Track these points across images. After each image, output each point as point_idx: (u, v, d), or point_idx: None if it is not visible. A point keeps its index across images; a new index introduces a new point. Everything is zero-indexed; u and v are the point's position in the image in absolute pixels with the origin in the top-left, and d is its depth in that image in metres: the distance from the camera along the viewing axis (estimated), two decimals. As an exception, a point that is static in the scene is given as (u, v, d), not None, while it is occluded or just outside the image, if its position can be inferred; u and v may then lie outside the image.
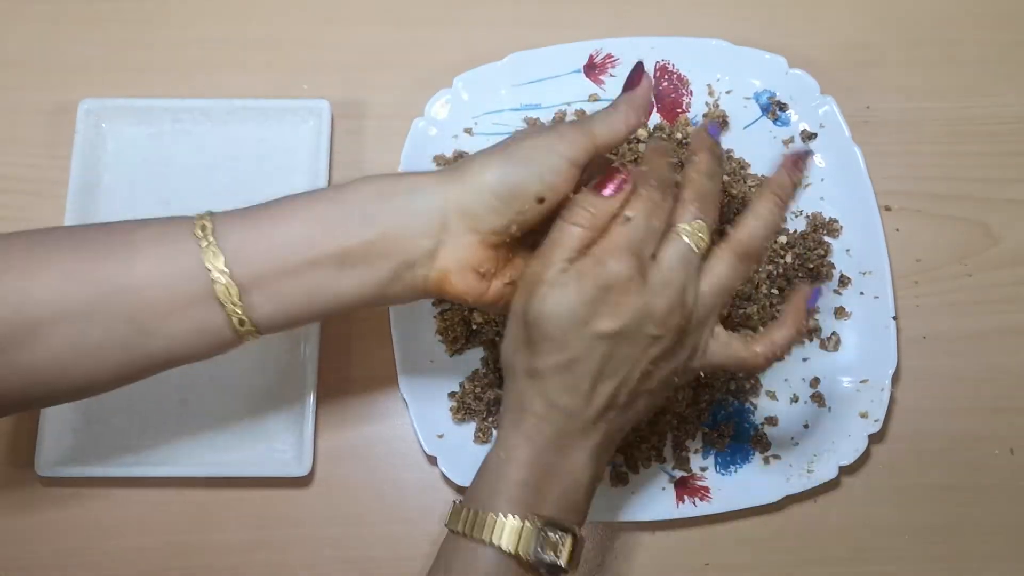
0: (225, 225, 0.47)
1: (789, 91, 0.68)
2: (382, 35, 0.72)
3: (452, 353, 0.63)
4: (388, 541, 0.61)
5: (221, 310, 0.46)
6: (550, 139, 0.48)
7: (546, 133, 0.48)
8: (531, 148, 0.48)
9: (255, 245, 0.46)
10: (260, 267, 0.46)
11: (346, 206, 0.47)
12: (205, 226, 0.46)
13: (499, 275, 0.49)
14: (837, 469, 0.60)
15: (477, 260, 0.48)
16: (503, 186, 0.47)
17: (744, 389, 0.63)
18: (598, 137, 0.48)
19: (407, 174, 0.49)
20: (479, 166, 0.48)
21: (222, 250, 0.46)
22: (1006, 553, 0.62)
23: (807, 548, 0.61)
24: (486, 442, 0.62)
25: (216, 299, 0.46)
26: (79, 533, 0.61)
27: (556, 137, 0.48)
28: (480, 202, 0.47)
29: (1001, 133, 0.70)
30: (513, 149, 0.48)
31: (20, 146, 0.68)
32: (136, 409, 0.62)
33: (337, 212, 0.47)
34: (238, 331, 0.47)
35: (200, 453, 0.62)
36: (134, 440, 0.62)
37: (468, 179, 0.47)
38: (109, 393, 0.62)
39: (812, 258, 0.65)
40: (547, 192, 0.47)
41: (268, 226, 0.47)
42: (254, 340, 0.48)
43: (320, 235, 0.47)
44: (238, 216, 0.48)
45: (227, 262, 0.46)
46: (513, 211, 0.47)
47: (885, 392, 0.61)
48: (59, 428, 0.61)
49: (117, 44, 0.71)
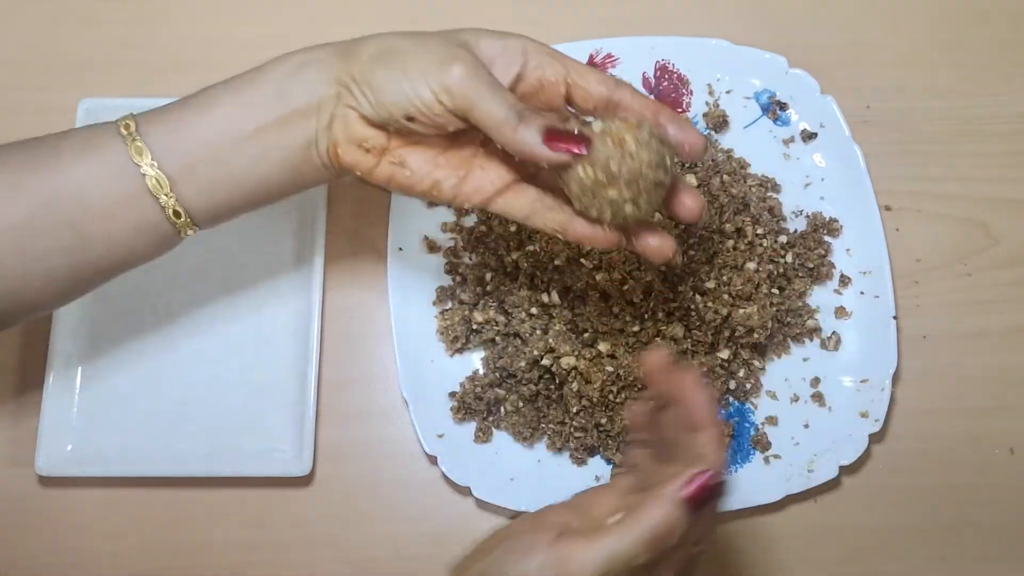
0: (149, 123, 0.48)
1: (789, 91, 0.68)
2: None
3: (452, 353, 0.63)
4: (388, 541, 0.61)
5: (155, 204, 0.47)
6: (437, 63, 0.46)
7: (439, 51, 0.46)
8: (416, 61, 0.46)
9: (179, 136, 0.48)
10: (186, 157, 0.47)
11: (263, 86, 0.48)
12: (128, 125, 0.48)
13: (389, 154, 0.49)
14: (837, 469, 0.60)
15: (360, 136, 0.49)
16: (375, 90, 0.47)
17: (744, 389, 0.63)
18: (477, 109, 0.45)
19: (312, 47, 0.49)
20: (368, 55, 0.47)
21: (147, 146, 0.47)
22: (1006, 553, 0.62)
23: (807, 548, 0.61)
24: (486, 442, 0.62)
25: (149, 194, 0.47)
26: (79, 533, 0.61)
27: (442, 66, 0.46)
28: (358, 90, 0.47)
29: (1001, 133, 0.70)
30: (405, 51, 0.47)
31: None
32: (136, 409, 0.62)
33: (255, 93, 0.48)
34: (176, 224, 0.48)
35: (200, 453, 0.61)
36: (134, 440, 0.62)
37: (354, 62, 0.48)
38: (109, 393, 0.62)
39: (812, 258, 0.65)
40: (415, 115, 0.47)
41: (191, 116, 0.48)
42: (192, 234, 0.50)
43: (239, 117, 0.48)
44: (160, 112, 0.49)
45: (154, 156, 0.47)
46: (383, 115, 0.47)
47: (885, 392, 0.61)
48: (59, 428, 0.61)
49: (117, 44, 0.71)
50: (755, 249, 0.63)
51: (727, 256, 0.62)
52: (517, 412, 0.61)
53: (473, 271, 0.64)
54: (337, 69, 0.48)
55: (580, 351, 0.59)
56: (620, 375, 0.59)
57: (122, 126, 0.48)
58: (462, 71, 0.45)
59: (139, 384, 0.63)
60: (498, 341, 0.62)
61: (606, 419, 0.60)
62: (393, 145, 0.49)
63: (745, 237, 0.63)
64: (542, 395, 0.61)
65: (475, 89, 0.45)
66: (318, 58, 0.48)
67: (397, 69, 0.46)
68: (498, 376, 0.62)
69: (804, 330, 0.64)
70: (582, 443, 0.60)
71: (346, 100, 0.48)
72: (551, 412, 0.61)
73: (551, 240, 0.60)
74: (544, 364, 0.59)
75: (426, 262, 0.65)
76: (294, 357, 0.63)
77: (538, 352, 0.59)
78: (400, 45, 0.47)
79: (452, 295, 0.64)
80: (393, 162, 0.49)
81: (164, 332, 0.64)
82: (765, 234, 0.64)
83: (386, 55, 0.47)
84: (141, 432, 0.62)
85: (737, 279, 0.61)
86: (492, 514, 0.61)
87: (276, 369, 0.63)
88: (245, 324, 0.64)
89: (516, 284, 0.62)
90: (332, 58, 0.48)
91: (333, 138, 0.49)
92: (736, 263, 0.62)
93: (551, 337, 0.59)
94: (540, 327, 0.60)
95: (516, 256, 0.62)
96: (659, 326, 0.59)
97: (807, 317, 0.64)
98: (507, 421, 0.62)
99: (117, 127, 0.48)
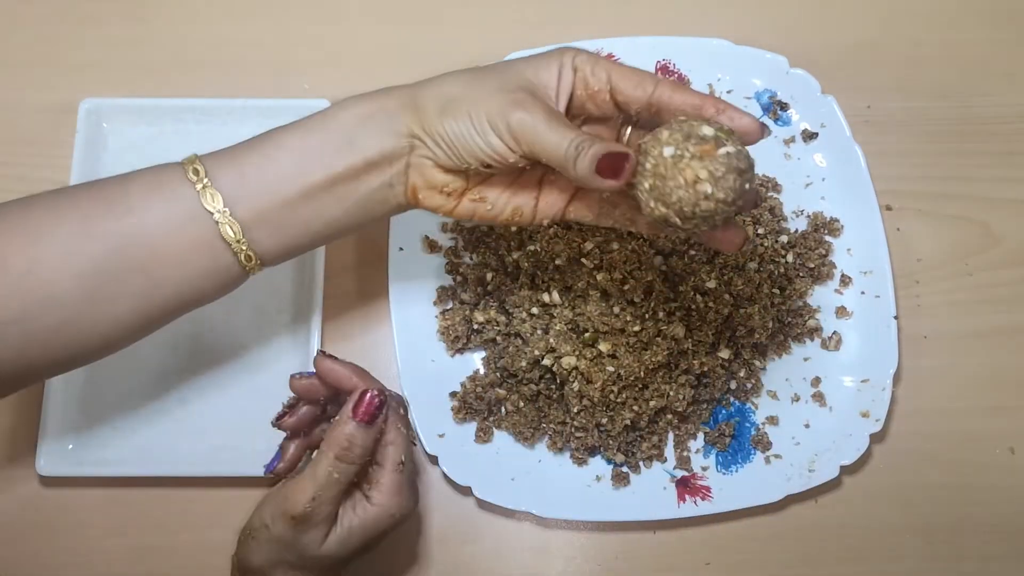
0: (217, 167, 0.48)
1: (790, 91, 0.68)
2: (382, 34, 0.72)
3: (453, 353, 0.63)
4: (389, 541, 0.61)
5: (227, 249, 0.48)
6: (499, 111, 0.46)
7: (500, 97, 0.47)
8: (480, 110, 0.47)
9: (248, 181, 0.47)
10: (258, 203, 0.48)
11: (330, 134, 0.48)
12: (197, 170, 0.47)
13: (469, 192, 0.50)
14: (838, 469, 0.60)
15: (439, 182, 0.50)
16: (449, 144, 0.48)
17: (745, 388, 0.63)
18: (543, 152, 0.46)
19: (376, 95, 0.50)
20: (434, 108, 0.48)
21: (219, 190, 0.47)
22: (1006, 553, 0.62)
23: (807, 548, 0.61)
24: (487, 442, 0.62)
25: (221, 240, 0.47)
26: (79, 533, 0.61)
27: (504, 114, 0.46)
28: (432, 143, 0.48)
29: (1001, 133, 0.70)
30: (468, 99, 0.47)
31: (20, 146, 0.68)
32: (136, 409, 0.62)
33: (323, 140, 0.48)
34: (245, 267, 0.49)
35: (200, 452, 0.61)
36: (134, 440, 0.62)
37: (423, 116, 0.48)
38: (109, 393, 0.62)
39: (813, 258, 0.65)
40: (491, 162, 0.48)
41: (260, 161, 0.48)
42: (260, 272, 0.50)
43: (310, 165, 0.48)
44: (227, 156, 0.49)
45: (225, 202, 0.47)
46: (461, 164, 0.48)
47: (886, 392, 0.61)
48: (59, 428, 0.61)
49: (117, 44, 0.71)
50: (756, 249, 0.63)
51: (728, 256, 0.62)
52: (518, 412, 0.61)
53: (474, 271, 0.64)
54: (406, 122, 0.48)
55: (581, 351, 0.59)
56: (621, 375, 0.58)
57: (190, 170, 0.47)
58: (523, 116, 0.46)
59: (139, 384, 0.63)
60: (499, 341, 0.62)
61: (607, 419, 0.60)
62: (471, 184, 0.50)
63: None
64: (543, 395, 0.61)
65: (535, 132, 0.46)
66: (385, 108, 0.49)
67: (464, 120, 0.47)
68: (499, 376, 0.62)
69: (805, 330, 0.64)
70: (583, 443, 0.60)
71: (421, 152, 0.48)
72: (552, 412, 0.61)
73: (552, 240, 0.60)
74: (545, 364, 0.59)
75: (427, 262, 0.65)
76: (294, 357, 0.63)
77: (539, 352, 0.59)
78: (461, 93, 0.48)
79: (453, 295, 0.64)
80: (474, 199, 0.50)
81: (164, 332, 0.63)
82: (766, 234, 0.64)
83: (451, 106, 0.47)
84: (141, 432, 0.62)
85: (738, 279, 0.61)
86: (493, 514, 0.61)
87: (276, 369, 0.63)
88: (245, 324, 0.64)
89: (517, 284, 0.62)
90: (399, 111, 0.48)
91: (412, 184, 0.50)
92: (737, 263, 0.62)
93: (552, 337, 0.59)
94: (541, 327, 0.60)
95: (517, 256, 0.62)
96: (660, 326, 0.59)
97: (808, 317, 0.64)
98: (508, 421, 0.62)
99: (184, 170, 0.47)
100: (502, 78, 0.48)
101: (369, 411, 0.50)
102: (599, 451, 0.62)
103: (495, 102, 0.47)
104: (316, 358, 0.52)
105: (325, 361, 0.52)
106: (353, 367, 0.52)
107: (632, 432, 0.61)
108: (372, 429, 0.50)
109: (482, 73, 0.49)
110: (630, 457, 0.61)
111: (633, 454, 0.61)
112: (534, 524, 0.61)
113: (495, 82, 0.48)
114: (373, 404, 0.50)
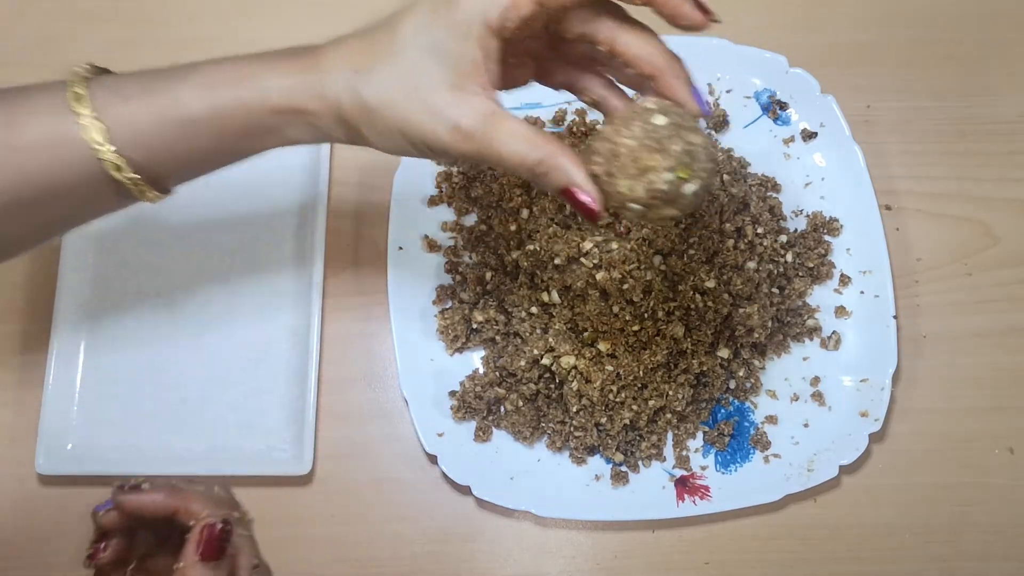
0: (102, 91, 0.46)
1: (789, 90, 0.68)
2: (382, 34, 0.72)
3: (452, 352, 0.63)
4: (388, 540, 0.61)
5: (109, 174, 0.46)
6: (448, 104, 0.43)
7: (445, 89, 0.43)
8: (421, 113, 0.43)
9: (135, 108, 0.45)
10: (141, 128, 0.45)
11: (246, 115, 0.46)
12: (80, 95, 0.45)
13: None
14: (837, 468, 0.60)
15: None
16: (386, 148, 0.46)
17: (744, 388, 0.63)
18: (497, 153, 0.43)
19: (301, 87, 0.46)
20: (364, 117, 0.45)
21: (102, 119, 0.45)
22: (1006, 553, 0.61)
23: (807, 548, 0.61)
24: (486, 441, 0.62)
25: (103, 165, 0.45)
26: (79, 533, 0.61)
27: (454, 106, 0.43)
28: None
29: (1001, 133, 0.70)
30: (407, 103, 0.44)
31: (20, 145, 0.68)
32: (136, 408, 0.62)
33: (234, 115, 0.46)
34: (133, 190, 0.47)
35: (200, 452, 0.62)
36: (134, 439, 0.62)
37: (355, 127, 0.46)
38: (109, 392, 0.62)
39: (812, 257, 0.65)
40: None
41: (151, 88, 0.46)
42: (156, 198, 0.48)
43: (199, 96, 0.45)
44: (114, 82, 0.47)
45: (107, 131, 0.45)
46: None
47: (885, 391, 0.61)
48: (59, 428, 0.61)
49: (117, 44, 0.71)
50: (755, 249, 0.63)
51: (727, 255, 0.62)
52: (517, 411, 0.61)
53: (473, 270, 0.64)
54: (334, 129, 0.46)
55: (580, 350, 0.59)
56: (620, 374, 0.59)
57: (73, 95, 0.46)
58: (473, 124, 0.43)
59: (139, 383, 0.63)
60: (498, 340, 0.62)
61: (606, 418, 0.60)
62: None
63: (745, 237, 0.63)
64: (542, 394, 0.61)
65: (488, 143, 0.44)
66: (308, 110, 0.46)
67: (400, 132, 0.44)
68: (498, 375, 0.62)
69: (804, 329, 0.64)
70: (582, 442, 0.60)
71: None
72: (551, 411, 0.61)
73: (551, 239, 0.60)
74: (544, 363, 0.59)
75: (426, 261, 0.65)
76: (294, 357, 0.63)
77: (538, 351, 0.59)
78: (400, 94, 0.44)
79: (452, 294, 0.64)
80: None
81: (164, 332, 0.64)
82: (765, 234, 0.64)
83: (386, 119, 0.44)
84: (141, 431, 0.62)
85: (737, 278, 0.61)
86: (492, 513, 0.61)
87: (276, 369, 0.63)
88: (245, 324, 0.64)
89: (516, 283, 0.62)
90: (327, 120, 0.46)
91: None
92: (736, 262, 0.62)
93: (551, 336, 0.59)
94: (540, 326, 0.60)
95: (516, 255, 0.62)
96: (659, 325, 0.59)
97: (807, 316, 0.64)
98: (507, 420, 0.62)
99: (67, 89, 0.46)
100: (445, 61, 0.44)
101: (214, 546, 0.44)
102: (598, 450, 0.62)
103: (440, 100, 0.43)
104: (114, 494, 0.46)
105: (127, 497, 0.46)
106: (166, 489, 0.46)
107: (631, 431, 0.61)
108: (224, 563, 0.44)
109: (421, 55, 0.44)
110: (629, 456, 0.61)
111: (632, 453, 0.61)
112: (533, 523, 0.61)
113: (438, 71, 0.43)
114: (217, 537, 0.44)
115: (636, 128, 0.43)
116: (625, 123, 0.44)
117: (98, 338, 0.64)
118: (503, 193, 0.65)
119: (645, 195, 0.43)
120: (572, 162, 0.44)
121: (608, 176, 0.44)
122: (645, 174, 0.43)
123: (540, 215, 0.62)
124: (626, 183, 0.43)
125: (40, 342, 0.63)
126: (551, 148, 0.43)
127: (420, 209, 0.66)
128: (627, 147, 0.43)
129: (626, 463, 0.61)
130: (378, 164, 0.68)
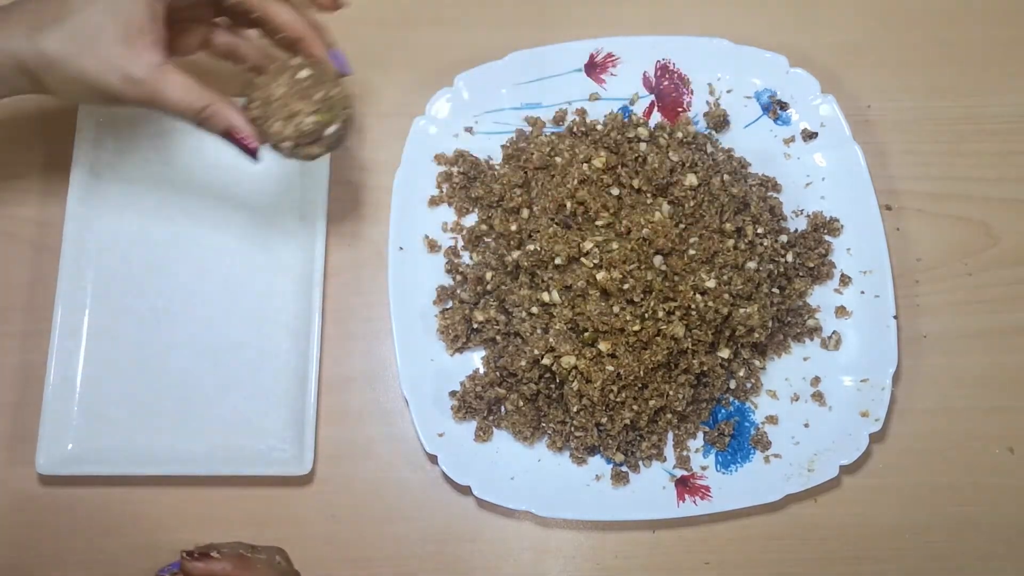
0: None
1: (790, 90, 0.68)
2: (384, 34, 0.72)
3: (453, 352, 0.63)
4: (388, 540, 0.61)
5: None
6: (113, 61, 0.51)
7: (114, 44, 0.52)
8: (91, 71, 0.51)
9: None
10: None
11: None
12: None
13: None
14: (838, 468, 0.60)
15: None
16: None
17: (745, 388, 0.63)
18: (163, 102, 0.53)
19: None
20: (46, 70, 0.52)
21: None
22: (1006, 553, 0.62)
23: (807, 547, 0.61)
24: (487, 441, 0.62)
25: None
26: (79, 532, 0.61)
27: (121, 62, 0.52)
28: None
29: (1001, 133, 0.70)
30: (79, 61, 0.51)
31: (20, 146, 0.68)
32: (136, 408, 0.62)
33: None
34: None
35: (200, 452, 0.62)
36: (134, 439, 0.62)
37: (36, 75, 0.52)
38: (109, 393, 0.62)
39: (812, 257, 0.65)
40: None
41: None
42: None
43: None
44: None
45: None
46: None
47: (886, 391, 0.61)
48: (59, 427, 0.61)
49: None
50: (755, 248, 0.63)
51: (727, 255, 0.62)
52: (517, 411, 0.61)
53: (473, 270, 0.64)
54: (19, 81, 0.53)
55: (580, 350, 0.59)
56: (620, 374, 0.59)
57: None
58: (140, 78, 0.52)
59: (139, 384, 0.63)
60: (498, 340, 0.62)
61: (606, 418, 0.60)
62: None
63: (745, 237, 0.63)
64: (542, 394, 0.61)
65: (154, 93, 0.53)
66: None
67: (79, 81, 0.52)
68: (498, 375, 0.62)
69: (804, 329, 0.64)
70: (582, 442, 0.60)
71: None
72: (551, 411, 0.61)
73: (552, 239, 0.60)
74: (544, 363, 0.59)
75: (426, 261, 0.65)
76: (294, 357, 0.63)
77: (538, 351, 0.59)
78: (70, 53, 0.51)
79: (452, 294, 0.64)
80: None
81: (164, 332, 0.64)
82: (765, 234, 0.64)
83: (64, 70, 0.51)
84: (141, 432, 0.62)
85: (737, 278, 0.61)
86: (492, 513, 0.61)
87: (276, 369, 0.63)
88: (245, 324, 0.64)
89: (516, 283, 0.62)
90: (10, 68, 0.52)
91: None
92: (736, 262, 0.62)
93: (551, 336, 0.59)
94: (540, 326, 0.60)
95: (516, 255, 0.62)
96: (659, 325, 0.59)
97: (807, 316, 0.64)
98: (507, 420, 0.62)
99: None
100: (117, 19, 0.51)
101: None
102: (599, 450, 0.62)
103: (112, 53, 0.51)
104: (183, 560, 0.48)
105: (196, 564, 0.48)
106: (233, 558, 0.48)
107: (631, 431, 0.61)
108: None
109: (98, 14, 0.51)
110: (629, 456, 0.61)
111: (632, 453, 0.61)
112: (533, 523, 0.62)
113: (112, 28, 0.51)
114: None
115: (285, 80, 0.55)
116: (276, 76, 0.55)
117: (98, 338, 0.64)
118: (503, 193, 0.65)
119: (294, 135, 0.55)
120: (231, 108, 0.54)
121: (264, 120, 0.55)
122: (293, 117, 0.54)
123: (540, 215, 0.62)
124: (278, 124, 0.54)
125: (40, 342, 0.63)
126: (214, 96, 0.53)
127: (420, 209, 0.66)
128: (278, 95, 0.55)
129: (626, 463, 0.61)
130: (378, 164, 0.68)
